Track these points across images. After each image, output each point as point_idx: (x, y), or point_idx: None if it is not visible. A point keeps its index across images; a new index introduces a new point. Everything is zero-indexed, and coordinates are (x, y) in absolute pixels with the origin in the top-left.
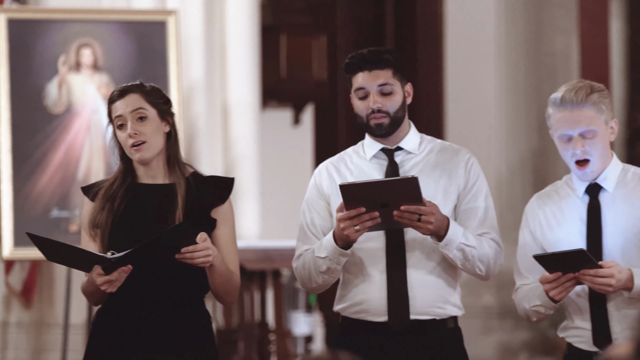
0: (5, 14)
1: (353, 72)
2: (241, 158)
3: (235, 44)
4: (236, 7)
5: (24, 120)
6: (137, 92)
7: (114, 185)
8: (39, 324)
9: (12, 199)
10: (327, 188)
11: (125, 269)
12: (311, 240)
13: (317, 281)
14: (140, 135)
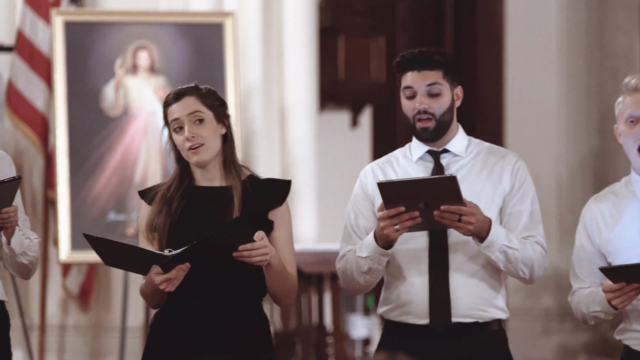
0: (62, 17)
1: (403, 71)
2: (299, 160)
3: (292, 46)
4: (294, 8)
5: (80, 123)
6: (194, 94)
7: (171, 188)
8: (97, 327)
9: (69, 203)
10: (372, 189)
11: (184, 267)
12: (355, 241)
13: (359, 281)
14: (198, 138)
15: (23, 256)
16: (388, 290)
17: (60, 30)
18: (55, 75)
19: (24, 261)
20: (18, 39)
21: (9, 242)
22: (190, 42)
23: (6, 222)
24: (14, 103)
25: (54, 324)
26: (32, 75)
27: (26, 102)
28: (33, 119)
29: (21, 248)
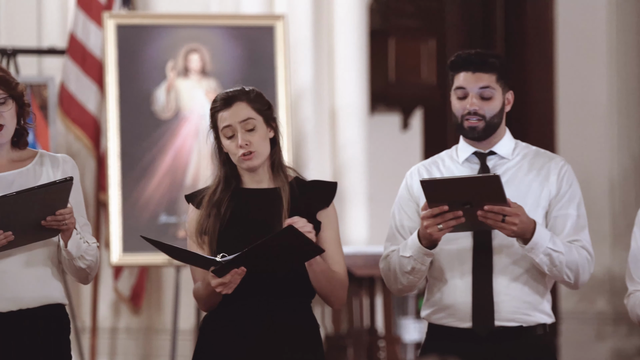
0: (114, 20)
1: (456, 71)
2: (349, 163)
3: (343, 48)
4: (344, 10)
5: (132, 126)
6: (244, 100)
7: (217, 191)
8: (148, 330)
9: (120, 205)
10: (417, 190)
11: (239, 271)
12: (399, 241)
13: (402, 282)
14: (250, 145)
15: (80, 260)
16: (431, 293)
17: (112, 34)
18: (107, 78)
19: (81, 265)
20: (70, 42)
21: (66, 244)
22: (241, 44)
23: (61, 224)
24: (66, 106)
25: (105, 327)
26: (84, 78)
27: (78, 105)
28: (85, 122)
29: (78, 252)
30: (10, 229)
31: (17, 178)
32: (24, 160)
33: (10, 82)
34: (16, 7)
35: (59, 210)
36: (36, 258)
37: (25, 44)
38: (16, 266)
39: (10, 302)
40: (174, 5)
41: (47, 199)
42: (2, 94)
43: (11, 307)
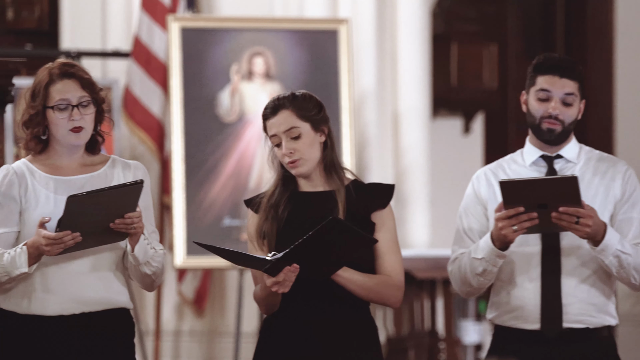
0: (178, 23)
1: (542, 73)
2: (411, 166)
3: (406, 52)
4: (407, 15)
5: (196, 129)
6: (289, 107)
7: (275, 193)
8: (211, 333)
9: (184, 208)
10: (484, 193)
11: (292, 269)
12: (467, 243)
13: (472, 284)
14: (295, 153)
15: (146, 266)
16: (498, 295)
17: (177, 37)
18: (172, 81)
19: (147, 271)
20: (135, 45)
21: (133, 249)
22: (305, 48)
23: (130, 227)
24: (131, 109)
25: (169, 330)
26: (148, 81)
27: (142, 108)
28: (149, 125)
29: (145, 257)
30: (79, 230)
31: (89, 182)
32: (96, 164)
33: (94, 86)
34: (81, 10)
35: (128, 214)
36: (102, 262)
37: (90, 46)
38: (83, 269)
39: (75, 304)
40: (238, 9)
41: (117, 201)
42: (86, 96)
43: (75, 310)
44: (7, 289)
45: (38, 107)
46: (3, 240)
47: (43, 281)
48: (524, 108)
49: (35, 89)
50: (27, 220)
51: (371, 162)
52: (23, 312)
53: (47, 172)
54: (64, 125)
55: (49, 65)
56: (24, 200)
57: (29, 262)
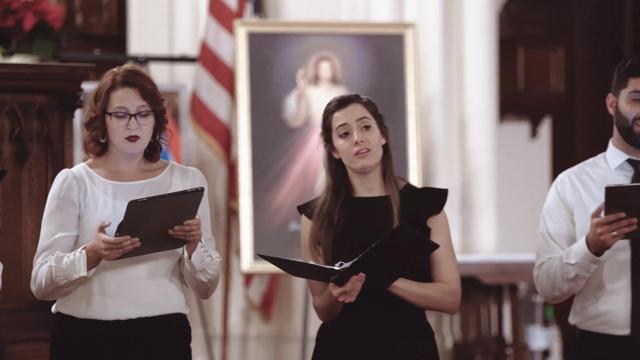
0: (245, 28)
1: (635, 75)
2: (478, 171)
3: (472, 56)
4: (474, 19)
5: (263, 134)
6: (359, 102)
7: (327, 201)
8: (278, 338)
9: (251, 213)
10: (570, 198)
11: (359, 278)
12: (553, 248)
13: (561, 289)
14: (366, 143)
15: (202, 273)
16: (585, 300)
17: (244, 41)
18: (238, 86)
19: (202, 279)
20: (202, 50)
21: (190, 256)
22: (371, 53)
23: (188, 234)
24: (198, 114)
25: (236, 334)
26: (215, 86)
27: (209, 113)
28: (216, 130)
29: (201, 265)
30: (138, 235)
31: (147, 187)
32: (154, 170)
33: (156, 97)
34: (148, 16)
35: (187, 221)
36: (159, 268)
37: (158, 51)
38: (140, 274)
39: (133, 309)
40: (305, 14)
41: (176, 208)
42: (145, 106)
43: (132, 315)
44: (65, 292)
45: (98, 111)
46: (62, 244)
47: (101, 286)
48: (611, 111)
49: (98, 92)
50: (86, 225)
51: (437, 167)
52: (81, 316)
53: (105, 177)
54: (120, 132)
55: (115, 69)
56: (83, 204)
57: (87, 266)
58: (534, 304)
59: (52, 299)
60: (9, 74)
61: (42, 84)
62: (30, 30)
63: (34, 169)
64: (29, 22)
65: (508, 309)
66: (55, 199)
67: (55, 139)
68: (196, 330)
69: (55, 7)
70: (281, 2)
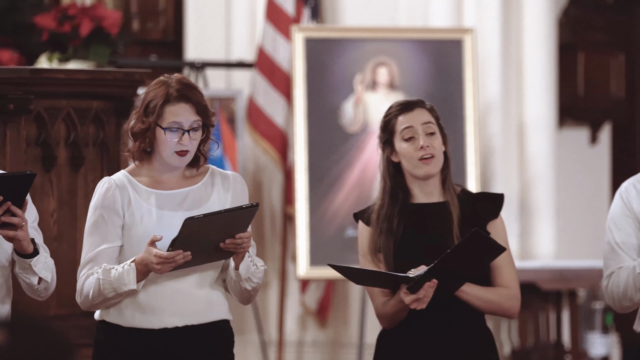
0: (302, 33)
1: None
2: (537, 177)
3: (532, 62)
4: (533, 24)
5: (319, 139)
6: (423, 107)
7: (385, 206)
8: (334, 344)
9: (307, 219)
10: (636, 206)
11: (431, 284)
12: (622, 258)
13: (633, 299)
14: (431, 148)
15: (247, 282)
16: None
17: (301, 47)
18: (295, 92)
19: (247, 287)
20: (259, 56)
21: (237, 267)
22: (429, 58)
23: (239, 247)
24: (254, 119)
25: (292, 340)
26: (272, 92)
27: (266, 119)
28: (273, 135)
29: (247, 274)
30: (190, 249)
31: (189, 196)
32: (195, 177)
33: (208, 112)
34: (206, 21)
35: (239, 234)
36: (205, 277)
37: (214, 57)
38: (187, 285)
39: (178, 317)
40: (362, 19)
41: (231, 222)
42: (198, 121)
43: (178, 323)
44: (112, 304)
45: (150, 124)
46: (106, 255)
47: (146, 295)
48: None
49: (150, 104)
50: (131, 236)
51: (496, 173)
52: (127, 324)
53: (147, 186)
54: (171, 147)
55: (166, 80)
56: (127, 214)
57: (137, 278)
58: (593, 310)
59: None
60: (65, 80)
61: (98, 89)
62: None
63: (89, 174)
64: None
65: (567, 316)
66: (98, 209)
67: (111, 145)
68: (252, 335)
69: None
70: (339, 7)
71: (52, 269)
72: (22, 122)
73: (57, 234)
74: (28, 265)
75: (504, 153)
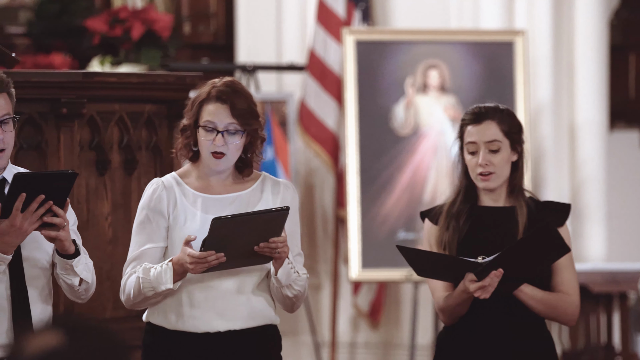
0: (353, 36)
1: None
2: (588, 180)
3: (583, 64)
4: (584, 26)
5: (371, 142)
6: (494, 120)
7: (456, 203)
8: (386, 345)
9: (359, 221)
10: None
11: (497, 273)
12: None
13: None
14: (490, 166)
15: (288, 289)
16: None
17: (352, 50)
18: (346, 94)
19: (288, 294)
20: (310, 59)
21: (276, 272)
22: (480, 60)
23: (274, 252)
24: (306, 122)
25: (344, 341)
26: (323, 94)
27: (317, 121)
28: (324, 138)
29: (287, 281)
30: (223, 250)
31: (236, 201)
32: (245, 183)
33: (247, 117)
34: (257, 24)
35: (272, 239)
36: (247, 281)
37: (265, 60)
38: (229, 288)
39: (222, 322)
40: (413, 21)
41: (261, 225)
42: (234, 124)
43: (221, 327)
44: (153, 303)
45: (190, 120)
46: (150, 255)
47: (190, 298)
48: None
49: (194, 101)
50: (174, 238)
51: (547, 176)
52: (171, 327)
53: (195, 189)
54: (207, 146)
55: (217, 80)
56: (172, 216)
57: (174, 278)
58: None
59: (142, 309)
60: (117, 84)
61: (150, 93)
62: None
63: (142, 177)
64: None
65: (617, 318)
66: (145, 209)
67: (164, 148)
68: (305, 337)
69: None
70: (389, 9)
71: (92, 271)
72: (75, 126)
73: (112, 237)
74: (70, 266)
75: (555, 156)
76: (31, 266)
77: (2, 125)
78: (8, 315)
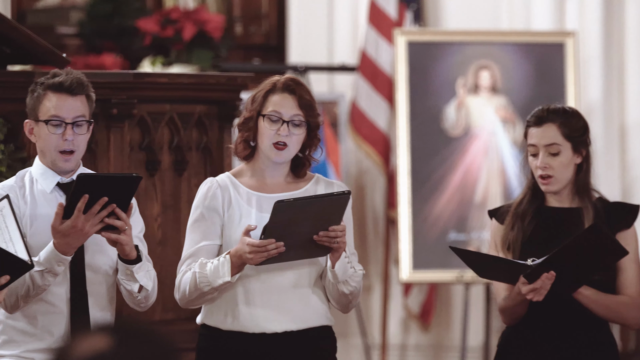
0: (405, 37)
1: None
2: (638, 180)
3: (633, 65)
4: (635, 27)
5: (422, 143)
6: (556, 122)
7: (523, 202)
8: (437, 347)
9: (410, 222)
10: None
11: (549, 276)
12: None
13: None
14: (549, 169)
15: (344, 285)
16: None
17: (403, 50)
18: (398, 95)
19: (344, 290)
20: (361, 59)
21: (334, 265)
22: (531, 61)
23: (333, 241)
24: (357, 123)
25: (395, 343)
26: (374, 95)
27: (369, 122)
28: (375, 139)
29: (344, 276)
30: (283, 239)
31: None
32: (299, 182)
33: (313, 110)
34: (308, 25)
35: (332, 227)
36: (303, 278)
37: (317, 61)
38: (285, 285)
39: (278, 323)
40: (464, 22)
41: (322, 212)
42: (300, 115)
43: (278, 328)
44: (209, 300)
45: (253, 113)
46: (205, 252)
47: (246, 295)
48: None
49: (257, 94)
50: (229, 236)
51: (598, 176)
52: (226, 328)
53: (250, 188)
54: (269, 136)
55: (278, 76)
56: (227, 214)
57: (232, 271)
58: None
59: (197, 307)
60: (168, 84)
61: (201, 94)
62: (190, 40)
63: (192, 178)
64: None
65: None
66: (199, 208)
67: (214, 149)
68: (355, 339)
69: (214, 17)
70: (441, 10)
71: (153, 279)
72: (126, 126)
73: (162, 238)
74: (130, 272)
75: (606, 156)
76: (93, 271)
77: (75, 127)
78: (66, 320)
